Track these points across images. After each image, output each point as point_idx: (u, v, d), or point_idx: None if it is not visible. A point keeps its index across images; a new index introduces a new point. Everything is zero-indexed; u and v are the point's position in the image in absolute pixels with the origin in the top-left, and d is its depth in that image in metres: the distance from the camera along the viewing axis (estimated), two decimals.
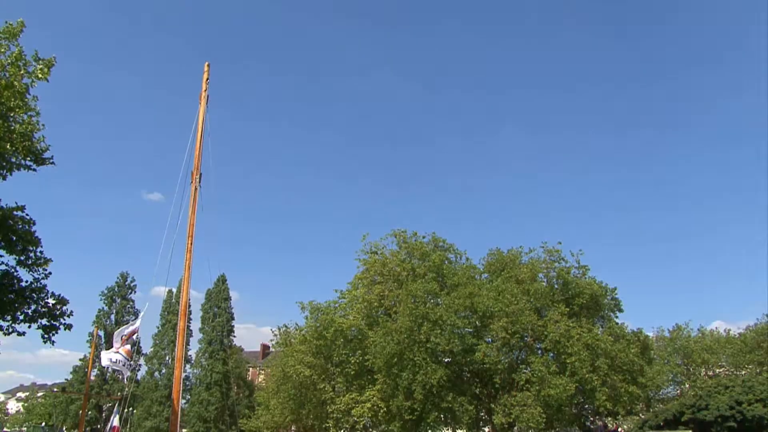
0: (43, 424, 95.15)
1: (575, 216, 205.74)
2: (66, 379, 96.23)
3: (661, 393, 73.21)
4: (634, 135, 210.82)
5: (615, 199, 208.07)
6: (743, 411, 52.62)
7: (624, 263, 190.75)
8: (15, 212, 25.93)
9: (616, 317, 60.06)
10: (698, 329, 77.43)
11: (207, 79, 16.02)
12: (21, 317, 26.25)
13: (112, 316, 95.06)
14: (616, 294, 59.75)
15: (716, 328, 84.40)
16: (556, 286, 57.73)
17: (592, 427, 61.35)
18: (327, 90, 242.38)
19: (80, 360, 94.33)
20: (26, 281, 26.61)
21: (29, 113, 23.91)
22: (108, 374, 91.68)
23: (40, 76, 23.34)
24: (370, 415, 55.44)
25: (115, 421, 28.58)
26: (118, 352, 13.40)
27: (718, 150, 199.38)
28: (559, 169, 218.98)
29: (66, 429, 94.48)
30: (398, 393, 52.29)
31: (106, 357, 13.67)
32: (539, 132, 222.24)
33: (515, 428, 57.03)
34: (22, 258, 26.34)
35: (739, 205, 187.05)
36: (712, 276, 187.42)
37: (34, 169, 25.67)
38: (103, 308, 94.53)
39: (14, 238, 25.78)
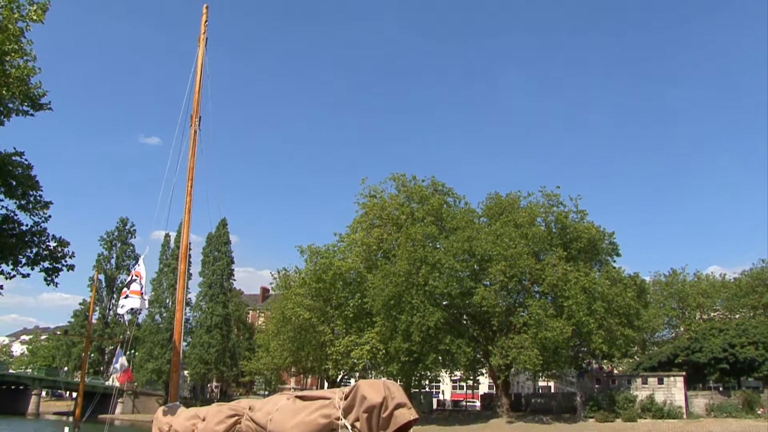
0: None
1: (574, 160, 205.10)
2: (68, 322, 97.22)
3: (656, 336, 74.14)
4: (633, 79, 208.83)
5: (614, 144, 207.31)
6: (736, 353, 53.50)
7: (622, 208, 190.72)
8: (13, 157, 25.77)
9: (614, 261, 60.45)
10: (694, 274, 77.85)
11: (206, 21, 15.71)
12: (23, 261, 26.35)
13: (112, 261, 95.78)
14: (614, 238, 59.98)
15: (712, 272, 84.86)
16: (554, 230, 57.94)
17: (587, 369, 62.27)
18: (327, 36, 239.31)
19: (80, 304, 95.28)
20: (26, 225, 26.63)
21: (25, 58, 23.55)
22: (109, 318, 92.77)
23: (35, 18, 22.84)
24: (369, 357, 56.26)
25: (123, 361, 28.82)
26: (127, 296, 13.29)
27: (718, 95, 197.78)
28: (558, 113, 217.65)
29: (69, 370, 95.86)
30: (397, 335, 52.92)
31: (123, 305, 13.58)
32: (539, 77, 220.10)
33: (512, 370, 57.99)
34: (22, 202, 26.28)
35: (738, 150, 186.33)
36: (711, 221, 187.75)
37: (32, 115, 25.42)
38: (103, 253, 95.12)
39: (14, 183, 25.67)
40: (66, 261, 27.66)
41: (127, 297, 13.28)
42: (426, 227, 56.32)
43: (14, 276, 26.57)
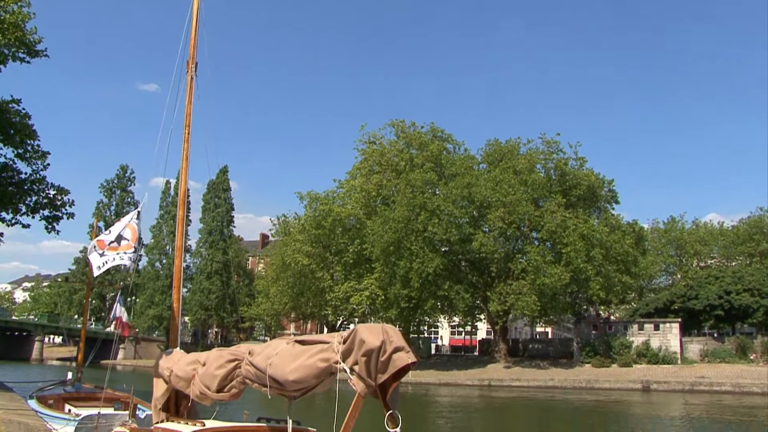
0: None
1: (574, 107, 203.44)
2: (69, 270, 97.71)
3: (653, 283, 74.61)
4: (633, 27, 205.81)
5: (613, 91, 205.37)
6: (731, 300, 54.04)
7: (622, 155, 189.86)
8: (10, 105, 25.55)
9: (613, 209, 60.61)
10: (693, 221, 78.05)
11: None
12: (23, 209, 26.37)
13: (112, 208, 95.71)
14: (613, 186, 60.03)
15: (710, 220, 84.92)
16: (553, 177, 57.89)
17: (585, 315, 62.92)
18: None
19: (80, 252, 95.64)
20: (25, 173, 26.59)
21: (19, 3, 23.15)
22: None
23: None
24: (368, 302, 56.76)
25: (119, 311, 28.89)
26: (104, 254, 12.72)
27: (718, 41, 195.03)
28: (558, 60, 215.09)
29: (75, 316, 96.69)
30: (396, 281, 53.31)
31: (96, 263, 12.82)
32: (539, 24, 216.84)
33: (510, 316, 58.61)
34: (20, 151, 26.17)
35: (738, 98, 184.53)
36: (711, 169, 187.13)
37: (28, 62, 25.07)
38: (102, 200, 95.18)
39: (11, 131, 25.51)
40: (66, 209, 27.72)
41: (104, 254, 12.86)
42: (425, 173, 56.25)
43: (15, 224, 26.65)
